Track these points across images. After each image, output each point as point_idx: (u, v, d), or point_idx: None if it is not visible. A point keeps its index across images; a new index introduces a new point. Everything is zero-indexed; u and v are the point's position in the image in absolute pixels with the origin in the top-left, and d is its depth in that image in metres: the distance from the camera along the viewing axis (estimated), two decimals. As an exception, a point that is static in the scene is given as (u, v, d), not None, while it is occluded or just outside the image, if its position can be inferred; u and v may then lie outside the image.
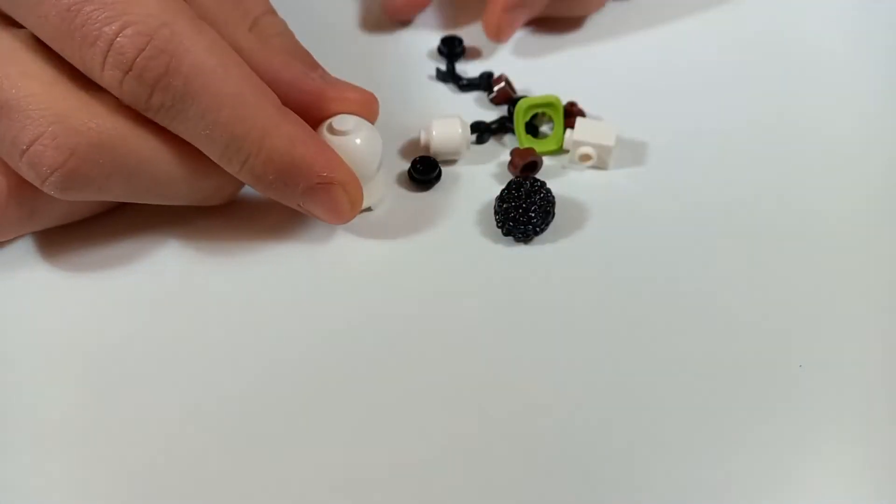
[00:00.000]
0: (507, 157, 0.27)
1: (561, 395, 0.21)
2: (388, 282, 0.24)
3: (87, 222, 0.24)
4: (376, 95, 0.25)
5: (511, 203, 0.24)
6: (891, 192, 0.27)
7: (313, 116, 0.23)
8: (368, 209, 0.25)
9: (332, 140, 0.23)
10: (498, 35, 0.30)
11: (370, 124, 0.24)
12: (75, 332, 0.22)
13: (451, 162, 0.27)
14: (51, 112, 0.20)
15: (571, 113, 0.28)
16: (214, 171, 0.22)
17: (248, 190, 0.24)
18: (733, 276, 0.24)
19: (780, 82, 0.31)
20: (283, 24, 0.25)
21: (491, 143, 0.28)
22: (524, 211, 0.24)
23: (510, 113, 0.28)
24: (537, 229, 0.24)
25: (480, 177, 0.27)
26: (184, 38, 0.20)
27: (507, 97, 0.29)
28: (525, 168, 0.26)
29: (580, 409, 0.21)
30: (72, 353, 0.22)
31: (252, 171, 0.22)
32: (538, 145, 0.27)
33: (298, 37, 0.26)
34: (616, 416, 0.20)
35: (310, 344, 0.22)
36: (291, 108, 0.22)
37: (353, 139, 0.23)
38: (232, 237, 0.25)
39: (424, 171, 0.26)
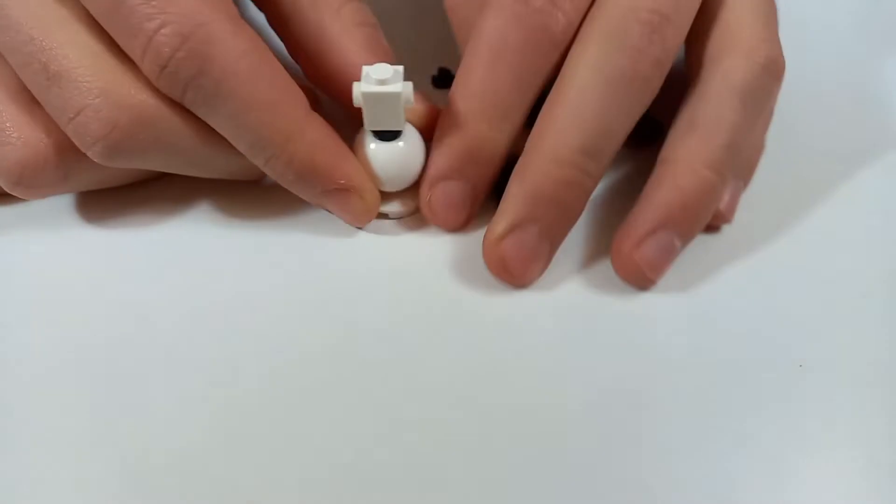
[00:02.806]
0: None
1: (560, 395, 0.21)
2: (388, 273, 0.24)
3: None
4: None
5: None
6: (891, 193, 0.27)
7: None
8: (385, 216, 0.25)
9: (376, 146, 0.23)
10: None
11: (418, 135, 0.24)
12: (86, 300, 0.23)
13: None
14: (96, 85, 0.21)
15: None
16: None
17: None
18: (734, 276, 0.24)
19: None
20: (366, 12, 0.25)
21: None
22: None
23: None
24: None
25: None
26: (218, 40, 0.21)
27: None
28: None
29: (579, 409, 0.21)
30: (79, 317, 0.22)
31: (273, 169, 0.23)
32: None
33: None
34: (615, 415, 0.20)
35: (311, 334, 0.22)
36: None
37: (397, 143, 0.23)
38: (241, 224, 0.25)
39: None
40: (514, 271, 0.23)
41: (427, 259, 0.24)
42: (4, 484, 0.19)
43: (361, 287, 0.24)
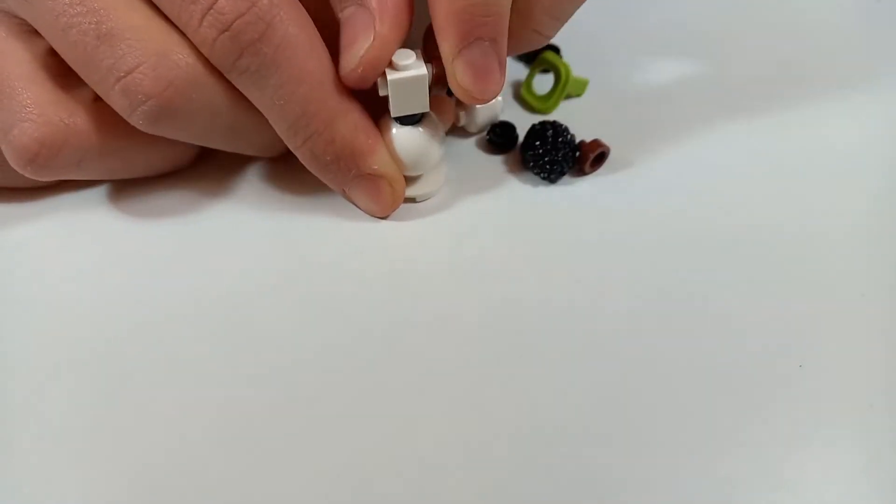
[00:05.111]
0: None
1: (560, 395, 0.21)
2: (400, 263, 0.24)
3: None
4: None
5: (545, 147, 0.26)
6: (891, 193, 0.27)
7: None
8: (413, 200, 0.26)
9: (398, 131, 0.24)
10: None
11: (436, 119, 0.25)
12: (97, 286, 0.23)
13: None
14: (152, 44, 0.21)
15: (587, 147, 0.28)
16: None
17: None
18: (734, 276, 0.24)
19: (782, 88, 0.31)
20: None
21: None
22: (554, 152, 0.26)
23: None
24: (564, 169, 0.26)
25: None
26: (281, 10, 0.21)
27: None
28: (595, 160, 0.27)
29: (578, 410, 0.21)
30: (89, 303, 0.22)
31: (313, 149, 0.23)
32: (536, 100, 0.30)
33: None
34: (614, 416, 0.20)
35: (315, 332, 0.22)
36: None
37: (418, 127, 0.24)
38: (243, 223, 0.25)
39: (503, 134, 0.28)
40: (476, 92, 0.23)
41: (442, 245, 0.25)
42: (4, 484, 0.19)
43: (372, 279, 0.24)
